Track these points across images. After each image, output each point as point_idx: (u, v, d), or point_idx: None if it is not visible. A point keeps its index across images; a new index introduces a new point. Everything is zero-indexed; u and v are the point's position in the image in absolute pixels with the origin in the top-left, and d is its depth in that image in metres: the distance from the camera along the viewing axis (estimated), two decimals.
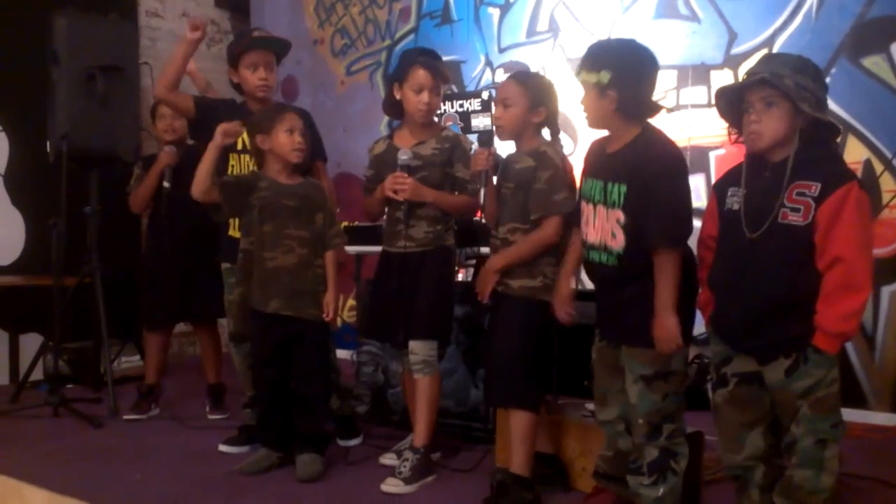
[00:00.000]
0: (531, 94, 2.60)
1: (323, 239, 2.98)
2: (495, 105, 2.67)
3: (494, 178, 2.69)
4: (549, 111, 2.64)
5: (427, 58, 2.90)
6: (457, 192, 2.94)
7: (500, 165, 2.71)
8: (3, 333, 4.63)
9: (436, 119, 3.09)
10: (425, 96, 2.85)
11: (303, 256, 2.93)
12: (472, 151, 2.83)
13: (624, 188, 2.22)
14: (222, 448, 3.20)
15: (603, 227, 2.28)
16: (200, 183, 2.89)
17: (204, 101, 3.33)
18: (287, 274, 2.91)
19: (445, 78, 2.94)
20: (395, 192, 2.83)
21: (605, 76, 2.22)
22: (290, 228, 2.92)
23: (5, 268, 4.70)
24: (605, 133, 2.37)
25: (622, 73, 2.23)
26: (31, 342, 4.59)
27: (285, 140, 2.90)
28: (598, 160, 2.36)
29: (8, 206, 4.74)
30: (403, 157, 2.85)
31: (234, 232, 3.18)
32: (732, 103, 2.17)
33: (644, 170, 2.19)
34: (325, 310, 2.95)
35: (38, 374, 4.18)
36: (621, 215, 2.22)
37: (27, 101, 4.64)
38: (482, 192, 2.70)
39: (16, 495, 2.07)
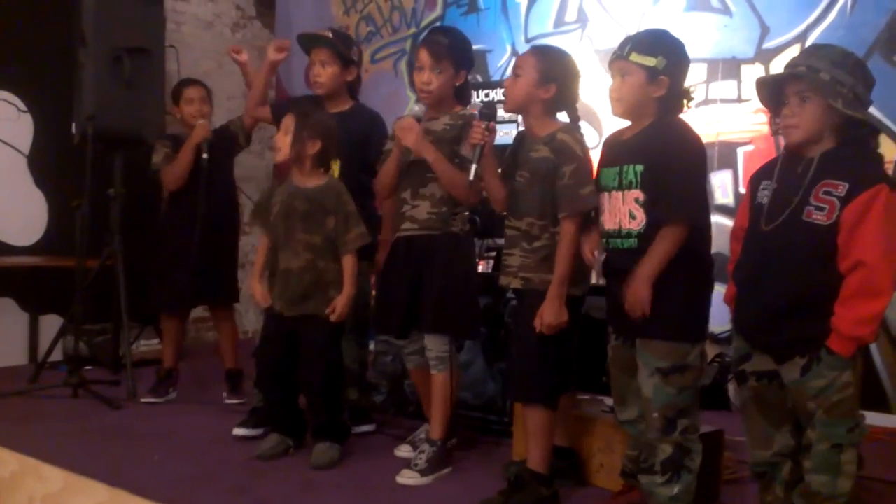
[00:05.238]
0: (543, 67, 2.49)
1: (335, 244, 2.93)
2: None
3: (500, 169, 2.61)
4: (560, 89, 2.50)
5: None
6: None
7: (511, 146, 2.63)
8: (23, 314, 4.66)
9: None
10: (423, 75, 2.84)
11: (308, 262, 2.90)
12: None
13: (640, 168, 2.22)
14: (236, 431, 3.19)
15: (618, 211, 2.27)
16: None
17: (278, 104, 3.48)
18: (293, 277, 2.90)
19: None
20: (401, 135, 2.78)
21: (661, 62, 2.21)
22: (299, 232, 2.91)
23: (27, 248, 4.72)
24: (619, 127, 2.36)
25: (675, 61, 2.25)
26: (50, 323, 4.62)
27: (279, 141, 2.96)
28: (614, 149, 2.36)
29: (31, 187, 4.76)
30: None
31: None
32: (774, 94, 2.14)
33: (662, 149, 2.19)
34: (332, 306, 2.88)
35: (56, 356, 4.21)
36: (640, 194, 2.22)
37: (52, 83, 4.65)
38: (472, 168, 2.54)
39: (34, 474, 2.07)
